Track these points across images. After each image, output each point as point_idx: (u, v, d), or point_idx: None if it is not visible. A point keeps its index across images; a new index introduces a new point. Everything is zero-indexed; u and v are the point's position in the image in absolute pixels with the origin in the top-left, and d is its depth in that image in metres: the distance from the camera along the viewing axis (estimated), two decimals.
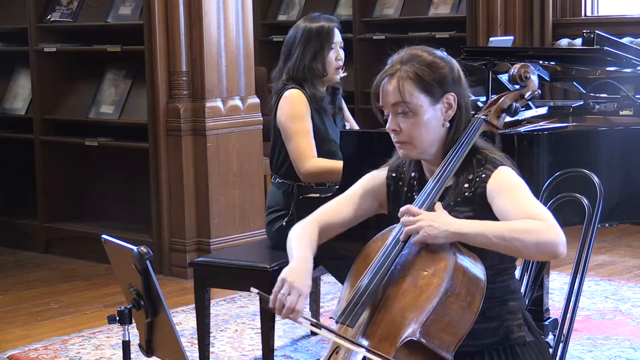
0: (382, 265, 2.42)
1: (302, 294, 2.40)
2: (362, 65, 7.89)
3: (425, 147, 2.53)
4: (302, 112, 3.91)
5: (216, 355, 4.29)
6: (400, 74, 2.50)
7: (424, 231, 2.38)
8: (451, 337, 2.35)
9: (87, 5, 6.36)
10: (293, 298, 2.39)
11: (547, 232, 2.33)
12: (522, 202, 2.41)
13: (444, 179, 2.50)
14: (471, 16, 7.26)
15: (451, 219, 2.41)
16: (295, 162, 3.89)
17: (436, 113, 2.52)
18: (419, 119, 2.50)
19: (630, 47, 3.98)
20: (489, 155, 2.54)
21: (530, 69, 2.78)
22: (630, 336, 4.41)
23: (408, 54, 2.55)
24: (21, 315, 5.04)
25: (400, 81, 2.50)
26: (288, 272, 2.43)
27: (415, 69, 2.50)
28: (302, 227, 2.61)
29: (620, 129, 3.74)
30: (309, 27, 4.01)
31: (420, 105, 2.49)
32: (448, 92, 2.52)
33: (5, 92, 6.82)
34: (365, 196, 2.66)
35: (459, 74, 2.56)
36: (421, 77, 2.49)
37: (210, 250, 5.51)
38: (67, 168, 6.43)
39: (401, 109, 2.51)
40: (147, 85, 5.68)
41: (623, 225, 5.81)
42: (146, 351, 2.51)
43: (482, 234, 2.36)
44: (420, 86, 2.49)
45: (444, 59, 2.55)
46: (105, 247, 2.56)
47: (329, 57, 3.99)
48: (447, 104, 2.52)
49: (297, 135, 3.89)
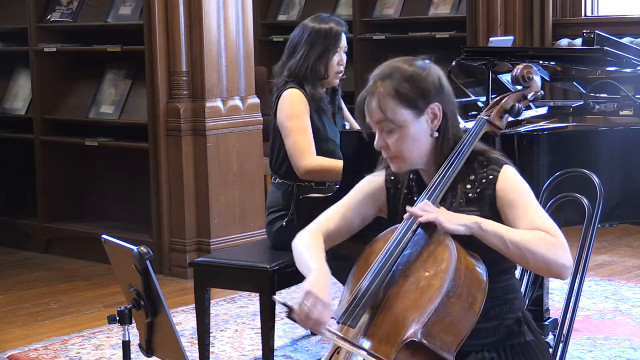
0: (384, 266, 2.42)
1: (327, 306, 2.37)
2: (362, 65, 7.88)
3: (415, 160, 2.53)
4: (301, 111, 3.91)
5: (216, 355, 4.29)
6: (380, 92, 2.48)
7: (446, 217, 2.39)
8: (452, 338, 2.35)
9: (87, 5, 6.36)
10: (320, 310, 2.36)
11: (559, 253, 2.37)
12: (534, 214, 2.43)
13: (446, 181, 2.50)
14: (471, 16, 7.26)
15: (468, 215, 2.42)
16: (293, 159, 3.89)
17: (422, 125, 2.50)
18: (405, 133, 2.49)
19: (630, 47, 3.98)
20: (490, 155, 2.54)
21: (533, 69, 2.78)
22: (630, 336, 4.41)
23: (388, 67, 2.52)
24: (21, 315, 5.04)
25: (380, 99, 2.48)
26: (312, 284, 2.40)
27: (395, 84, 2.47)
28: (308, 237, 2.59)
29: (620, 129, 3.74)
30: (318, 27, 4.00)
31: (404, 120, 2.48)
32: (431, 102, 2.49)
33: (5, 92, 6.81)
34: (365, 202, 2.65)
35: (439, 83, 2.52)
36: (401, 93, 2.47)
37: (210, 250, 5.51)
38: (67, 168, 6.43)
39: (386, 126, 2.49)
40: (147, 85, 5.68)
41: (623, 225, 5.82)
42: (146, 351, 2.51)
43: (499, 235, 2.38)
44: (401, 102, 2.47)
45: (424, 68, 2.51)
46: (105, 247, 2.56)
47: (332, 60, 3.99)
48: (432, 114, 2.50)
49: (296, 133, 3.89)
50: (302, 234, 2.61)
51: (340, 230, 2.63)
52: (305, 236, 2.59)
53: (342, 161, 3.73)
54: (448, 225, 2.39)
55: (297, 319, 2.38)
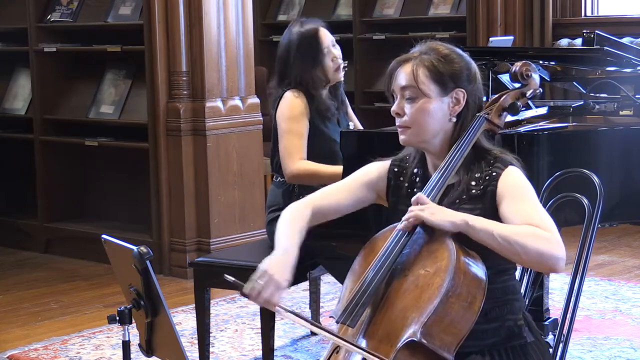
0: (383, 265, 2.42)
1: (280, 287, 2.40)
2: (362, 65, 7.89)
3: (426, 136, 2.54)
4: (298, 114, 3.91)
5: (216, 355, 4.29)
6: (416, 61, 2.54)
7: (430, 212, 2.39)
8: (452, 338, 2.35)
9: (87, 5, 6.36)
10: (271, 291, 2.39)
11: (551, 245, 2.35)
12: (530, 210, 2.43)
13: (446, 176, 2.51)
14: (471, 16, 7.26)
15: (457, 212, 2.43)
16: (282, 161, 3.90)
17: (443, 105, 2.53)
18: (425, 105, 2.52)
19: (630, 47, 3.98)
20: (499, 155, 2.55)
21: (531, 67, 2.79)
22: (630, 336, 4.41)
23: (428, 46, 2.59)
24: (21, 315, 5.04)
25: (415, 66, 2.54)
26: (270, 263, 2.43)
27: (432, 58, 2.54)
28: (295, 210, 2.61)
29: (620, 129, 3.74)
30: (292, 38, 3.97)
31: (429, 93, 2.52)
32: (459, 87, 2.54)
33: (5, 92, 6.82)
34: (364, 186, 2.66)
35: (475, 74, 2.58)
36: (435, 67, 2.53)
37: (210, 250, 5.51)
38: (67, 168, 6.43)
39: (409, 93, 2.53)
40: (147, 85, 5.68)
41: (623, 225, 5.81)
42: (146, 351, 2.51)
43: (487, 230, 2.37)
44: (432, 75, 2.52)
45: (461, 55, 2.58)
46: (105, 247, 2.56)
47: (326, 62, 3.98)
48: (455, 99, 2.54)
49: (289, 135, 3.89)
50: (292, 205, 2.63)
51: (334, 209, 2.64)
52: (293, 208, 2.61)
53: (331, 166, 3.77)
54: (432, 219, 2.39)
55: (248, 295, 2.41)
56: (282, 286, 2.40)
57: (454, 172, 2.51)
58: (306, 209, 2.60)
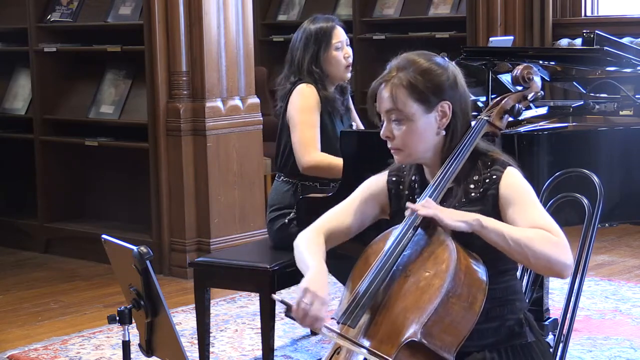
0: (384, 266, 2.42)
1: (325, 303, 2.39)
2: (362, 65, 7.89)
3: (419, 154, 2.54)
4: (312, 106, 3.93)
5: (216, 355, 4.29)
6: (394, 82, 2.50)
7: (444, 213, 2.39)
8: (452, 338, 2.35)
9: (87, 5, 6.36)
10: (317, 307, 2.37)
11: (560, 251, 2.36)
12: (537, 214, 2.43)
13: (446, 180, 2.50)
14: (471, 16, 7.26)
15: (469, 212, 2.42)
16: (296, 152, 3.90)
17: (430, 121, 2.51)
18: (412, 126, 2.50)
19: (630, 47, 3.98)
20: (495, 156, 2.54)
21: (533, 70, 2.78)
22: (630, 336, 4.41)
23: (405, 59, 2.54)
24: (21, 315, 5.04)
25: (393, 89, 2.49)
26: (309, 281, 2.42)
27: (410, 77, 2.49)
28: (309, 235, 2.60)
29: (620, 129, 3.74)
30: (308, 29, 4.03)
31: (413, 113, 2.49)
32: (443, 100, 2.50)
33: (5, 92, 6.81)
34: (367, 202, 2.65)
35: (454, 79, 2.53)
36: (415, 86, 2.48)
37: (210, 250, 5.51)
38: (67, 168, 6.43)
39: (394, 116, 2.51)
40: (147, 85, 5.68)
41: (623, 225, 5.81)
42: (146, 351, 2.51)
43: (500, 232, 2.37)
44: (413, 95, 2.49)
45: (440, 65, 2.53)
46: (105, 247, 2.56)
47: (333, 57, 4.00)
48: (441, 112, 2.51)
49: (303, 126, 3.90)
50: (304, 233, 2.62)
51: (343, 232, 2.63)
52: (306, 235, 2.60)
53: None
54: (448, 221, 2.39)
55: (295, 317, 2.39)
56: (326, 301, 2.40)
57: (454, 175, 2.51)
58: (319, 236, 2.59)
